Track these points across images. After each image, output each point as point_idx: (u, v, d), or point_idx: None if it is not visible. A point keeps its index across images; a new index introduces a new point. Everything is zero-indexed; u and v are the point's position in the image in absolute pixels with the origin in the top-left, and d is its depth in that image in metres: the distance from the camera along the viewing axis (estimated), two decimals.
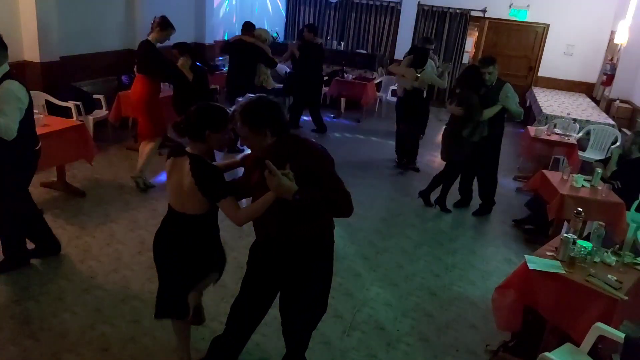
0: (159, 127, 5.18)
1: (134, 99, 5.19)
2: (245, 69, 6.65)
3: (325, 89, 9.30)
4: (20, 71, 5.81)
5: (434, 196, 5.65)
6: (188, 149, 2.44)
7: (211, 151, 2.53)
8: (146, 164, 5.20)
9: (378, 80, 9.79)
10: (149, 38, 5.02)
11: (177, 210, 2.50)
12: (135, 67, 5.36)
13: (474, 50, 11.09)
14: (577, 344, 2.72)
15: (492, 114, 5.10)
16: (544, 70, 10.29)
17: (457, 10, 10.32)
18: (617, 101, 8.09)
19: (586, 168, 6.38)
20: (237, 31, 10.68)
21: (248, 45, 6.49)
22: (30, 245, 3.74)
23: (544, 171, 5.07)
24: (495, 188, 5.65)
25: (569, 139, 6.47)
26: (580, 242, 3.11)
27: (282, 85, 8.70)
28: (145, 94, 5.04)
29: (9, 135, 3.10)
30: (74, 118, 5.67)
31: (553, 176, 4.86)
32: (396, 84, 9.89)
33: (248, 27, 6.73)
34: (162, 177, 5.62)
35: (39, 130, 3.77)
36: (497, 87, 5.18)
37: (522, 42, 10.36)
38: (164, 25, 5.01)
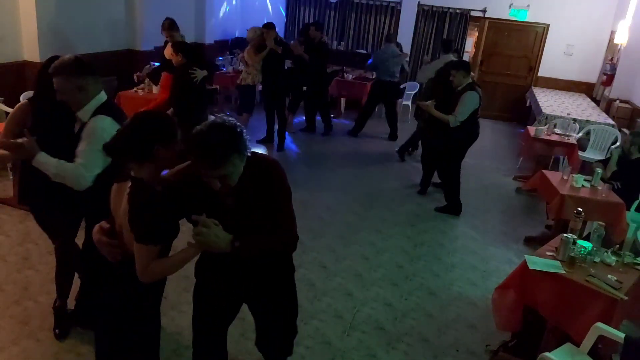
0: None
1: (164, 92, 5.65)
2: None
3: None
4: (20, 71, 5.81)
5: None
6: (133, 172, 1.95)
7: (159, 174, 2.02)
8: None
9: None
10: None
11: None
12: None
13: (474, 50, 11.08)
14: (577, 344, 2.72)
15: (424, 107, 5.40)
16: (544, 70, 10.28)
17: (457, 10, 10.32)
18: (617, 101, 8.08)
19: (586, 168, 6.38)
20: (238, 31, 10.76)
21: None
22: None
23: (544, 171, 5.07)
24: (453, 190, 5.54)
25: (569, 139, 6.47)
26: (580, 242, 3.12)
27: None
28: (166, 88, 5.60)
29: (79, 186, 2.50)
30: None
31: (553, 176, 4.86)
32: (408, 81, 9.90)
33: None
34: None
35: None
36: (461, 92, 5.12)
37: (522, 42, 10.35)
38: (170, 26, 5.75)
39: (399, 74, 8.07)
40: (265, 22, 7.28)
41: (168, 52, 5.50)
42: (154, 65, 6.75)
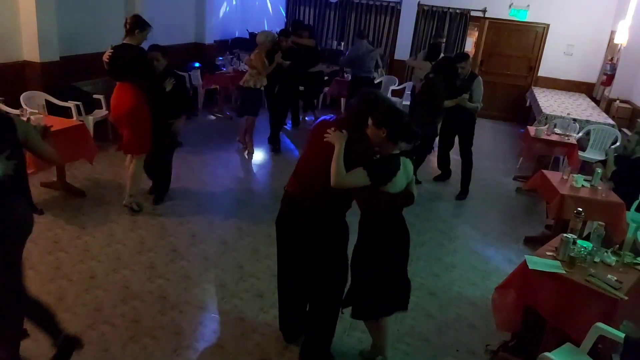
0: (145, 141, 4.58)
1: (120, 111, 4.50)
2: None
3: (325, 89, 9.31)
4: (20, 71, 5.82)
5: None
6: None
7: None
8: (135, 185, 4.73)
9: (378, 80, 9.76)
10: (128, 42, 4.47)
11: None
12: (111, 74, 4.64)
13: (474, 50, 11.07)
14: (577, 344, 2.72)
15: (451, 104, 5.68)
16: (544, 70, 10.28)
17: (457, 10, 10.32)
18: (617, 101, 8.08)
19: (586, 168, 6.38)
20: (238, 31, 10.77)
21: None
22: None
23: (544, 171, 5.07)
24: (469, 170, 6.07)
25: (569, 139, 6.46)
26: (580, 242, 3.12)
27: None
28: (134, 104, 4.45)
29: None
30: (74, 118, 5.67)
31: (553, 176, 4.86)
32: (408, 81, 9.93)
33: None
34: None
35: None
36: (470, 79, 5.75)
37: (522, 42, 10.34)
38: (142, 25, 4.52)
39: (374, 70, 8.22)
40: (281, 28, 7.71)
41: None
42: None
